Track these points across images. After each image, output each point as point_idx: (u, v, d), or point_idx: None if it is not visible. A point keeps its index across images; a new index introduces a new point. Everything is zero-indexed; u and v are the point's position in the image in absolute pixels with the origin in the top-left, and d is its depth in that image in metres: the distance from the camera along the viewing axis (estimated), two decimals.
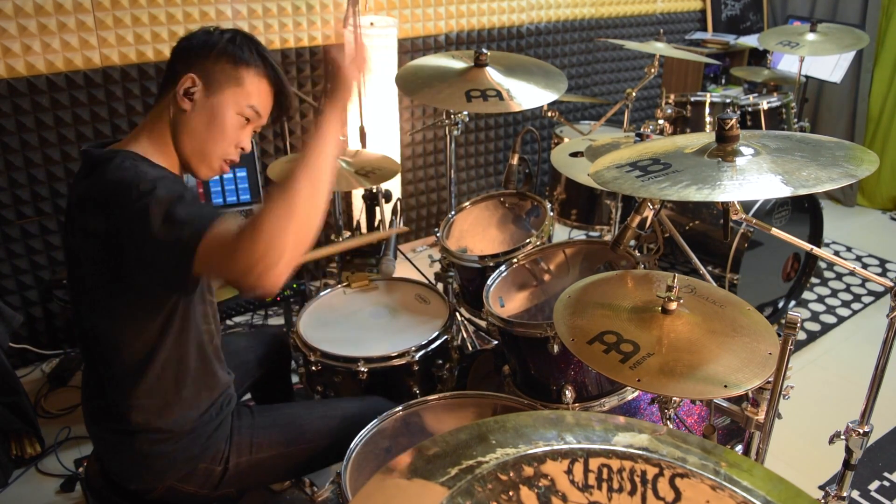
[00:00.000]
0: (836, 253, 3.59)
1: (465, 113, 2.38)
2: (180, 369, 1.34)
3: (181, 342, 1.33)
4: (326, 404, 1.64)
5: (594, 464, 0.81)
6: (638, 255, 1.82)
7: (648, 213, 1.55)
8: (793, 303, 3.00)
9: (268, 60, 1.36)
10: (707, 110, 3.03)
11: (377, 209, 2.50)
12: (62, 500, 2.11)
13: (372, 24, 2.94)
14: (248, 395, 1.98)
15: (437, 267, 2.34)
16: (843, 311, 3.08)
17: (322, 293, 2.08)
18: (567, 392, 1.65)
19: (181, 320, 1.31)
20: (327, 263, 2.53)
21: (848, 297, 3.19)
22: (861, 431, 1.44)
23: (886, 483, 2.16)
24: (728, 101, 3.02)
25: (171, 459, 1.35)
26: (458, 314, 2.24)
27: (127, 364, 1.29)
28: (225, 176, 2.73)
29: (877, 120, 4.01)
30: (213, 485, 1.41)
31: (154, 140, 1.31)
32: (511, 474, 0.78)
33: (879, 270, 3.47)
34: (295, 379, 2.03)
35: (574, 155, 2.41)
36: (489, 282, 1.92)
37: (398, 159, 3.24)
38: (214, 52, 1.31)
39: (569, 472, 0.80)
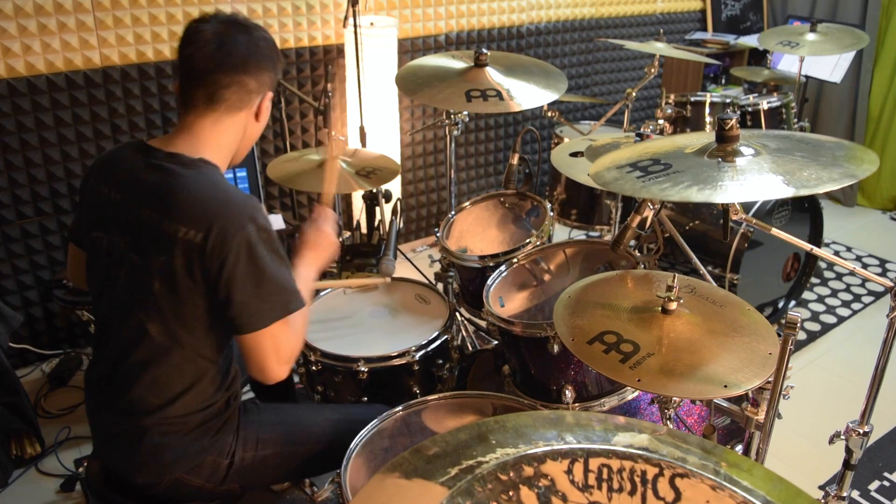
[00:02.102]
0: (836, 253, 3.59)
1: (465, 113, 2.38)
2: (213, 372, 1.35)
3: (228, 349, 1.38)
4: (333, 409, 1.65)
5: (594, 464, 0.81)
6: (638, 255, 1.82)
7: (648, 213, 1.55)
8: (793, 303, 3.00)
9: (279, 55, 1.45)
10: (707, 110, 3.03)
11: (377, 209, 2.50)
12: (62, 500, 2.11)
13: (372, 24, 2.94)
14: (249, 392, 1.97)
15: (437, 267, 2.34)
16: (843, 311, 3.08)
17: (322, 293, 2.08)
18: (567, 392, 1.65)
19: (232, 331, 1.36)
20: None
21: (848, 297, 3.19)
22: (861, 431, 1.44)
23: (886, 483, 2.16)
24: (728, 101, 3.02)
25: (181, 450, 1.35)
26: (458, 314, 2.24)
27: (174, 367, 1.31)
28: (225, 176, 2.73)
29: (877, 120, 4.01)
30: (220, 479, 1.41)
31: (223, 151, 1.36)
32: (511, 474, 0.78)
33: (879, 270, 3.47)
34: (295, 379, 2.03)
35: (574, 155, 2.41)
36: (489, 282, 1.92)
37: (398, 159, 3.24)
38: (276, 65, 1.38)
39: (569, 472, 0.80)
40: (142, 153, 1.32)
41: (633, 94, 2.84)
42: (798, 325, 1.19)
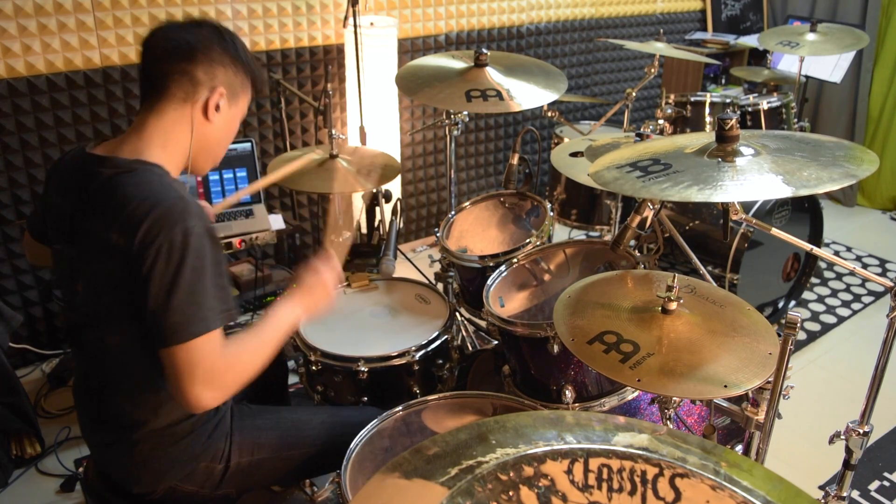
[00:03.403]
0: (836, 253, 3.60)
1: (465, 113, 2.38)
2: None
3: None
4: (329, 411, 1.64)
5: (594, 464, 0.81)
6: (638, 255, 1.82)
7: (648, 213, 1.55)
8: (793, 303, 3.00)
9: (254, 62, 1.39)
10: (707, 110, 3.03)
11: (377, 209, 2.50)
12: (62, 500, 2.11)
13: (372, 24, 2.94)
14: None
15: (437, 267, 2.34)
16: (843, 311, 3.08)
17: None
18: (567, 392, 1.65)
19: None
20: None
21: (848, 297, 3.19)
22: (861, 431, 1.44)
23: (886, 483, 2.16)
24: (728, 101, 3.03)
25: (173, 460, 1.35)
26: (458, 314, 2.24)
27: (146, 374, 1.29)
28: (225, 176, 2.73)
29: (877, 120, 4.01)
30: (214, 484, 1.41)
31: (169, 149, 1.29)
32: (511, 474, 0.78)
33: (879, 270, 3.47)
34: (295, 379, 2.03)
35: (574, 155, 2.41)
36: (489, 282, 1.92)
37: (398, 159, 3.24)
38: (235, 62, 1.32)
39: (569, 472, 0.80)
40: (83, 162, 1.28)
41: (633, 94, 2.84)
42: (798, 325, 1.19)
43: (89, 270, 1.25)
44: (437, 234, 2.24)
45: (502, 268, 1.98)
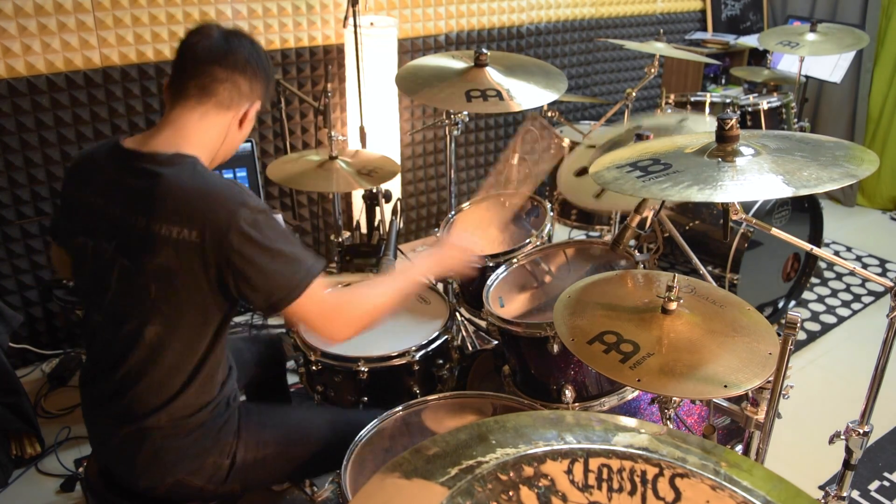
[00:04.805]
0: (836, 253, 3.59)
1: (465, 113, 2.38)
2: (209, 366, 1.35)
3: (222, 341, 1.37)
4: (334, 412, 1.65)
5: (594, 464, 0.81)
6: (638, 255, 1.82)
7: (648, 213, 1.55)
8: (793, 303, 3.00)
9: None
10: (707, 110, 3.03)
11: (377, 209, 2.50)
12: (62, 500, 2.11)
13: (372, 24, 2.94)
14: (243, 396, 1.98)
15: None
16: (843, 311, 3.08)
17: None
18: (567, 392, 1.65)
19: (226, 321, 1.37)
20: (327, 264, 2.53)
21: (848, 297, 3.19)
22: (861, 431, 1.44)
23: (886, 483, 2.16)
24: (728, 101, 3.02)
25: (183, 453, 1.35)
26: (458, 314, 2.24)
27: (171, 366, 1.30)
28: (225, 175, 2.73)
29: (877, 120, 4.01)
30: (221, 479, 1.41)
31: (204, 147, 1.34)
32: (511, 474, 0.78)
33: (879, 270, 3.47)
34: (295, 379, 2.03)
35: (579, 174, 2.41)
36: (489, 282, 1.92)
37: (398, 159, 3.24)
38: (267, 78, 1.40)
39: (569, 472, 0.80)
40: (119, 156, 1.30)
41: (633, 94, 2.83)
42: (798, 325, 1.19)
43: (132, 263, 1.26)
44: (438, 234, 2.24)
45: (502, 268, 1.98)
